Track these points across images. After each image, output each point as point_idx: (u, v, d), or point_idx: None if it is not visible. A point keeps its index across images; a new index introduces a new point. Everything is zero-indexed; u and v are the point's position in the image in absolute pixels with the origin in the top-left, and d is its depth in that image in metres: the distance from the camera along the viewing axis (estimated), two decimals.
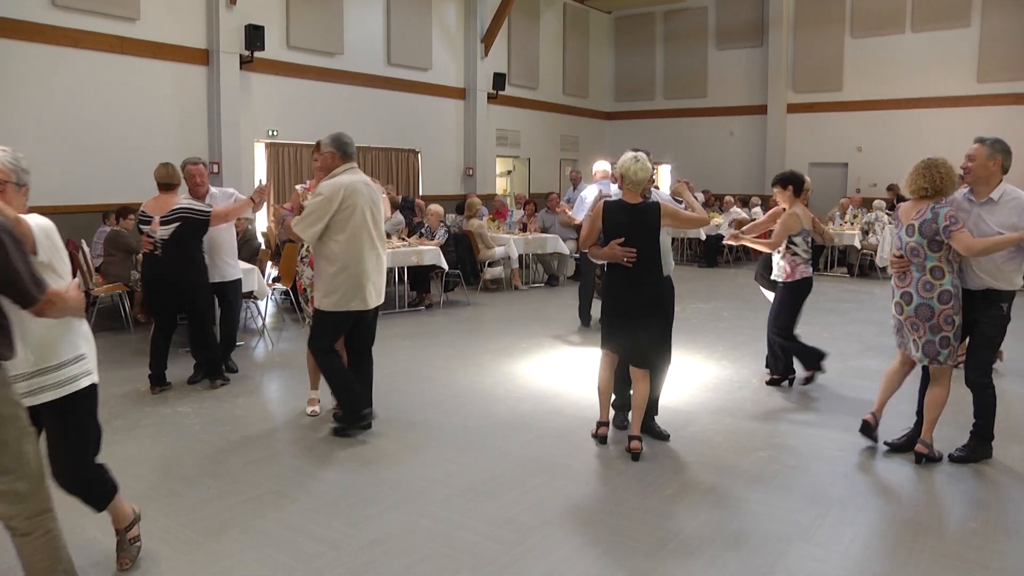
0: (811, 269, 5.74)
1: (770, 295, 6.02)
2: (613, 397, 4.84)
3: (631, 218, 4.35)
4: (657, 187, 5.27)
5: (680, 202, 4.83)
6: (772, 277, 5.90)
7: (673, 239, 5.73)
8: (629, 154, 4.42)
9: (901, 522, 3.66)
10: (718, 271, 13.72)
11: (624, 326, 4.44)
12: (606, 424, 4.72)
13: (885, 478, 4.20)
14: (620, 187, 4.50)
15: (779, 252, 5.73)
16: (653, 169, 4.62)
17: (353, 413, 4.77)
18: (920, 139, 16.15)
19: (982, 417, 4.37)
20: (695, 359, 6.77)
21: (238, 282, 6.50)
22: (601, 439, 4.69)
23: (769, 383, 5.98)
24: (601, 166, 7.73)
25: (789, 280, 5.69)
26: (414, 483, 4.08)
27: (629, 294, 4.40)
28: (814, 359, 5.85)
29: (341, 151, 4.68)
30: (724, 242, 6.19)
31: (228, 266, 6.28)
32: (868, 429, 4.59)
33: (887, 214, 12.36)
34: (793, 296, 5.74)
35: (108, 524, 3.58)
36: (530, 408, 5.45)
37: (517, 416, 5.26)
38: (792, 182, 5.64)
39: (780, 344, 5.85)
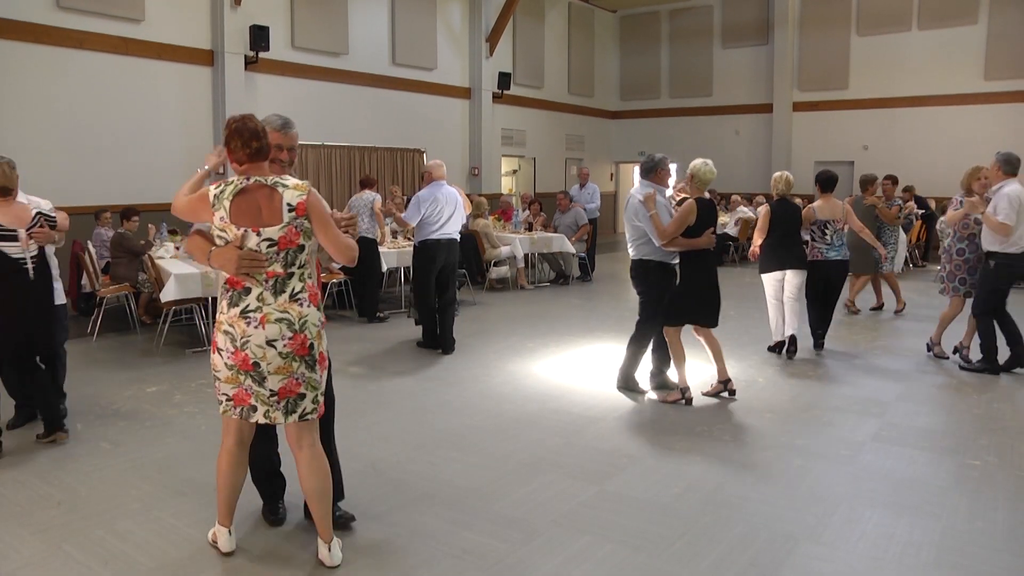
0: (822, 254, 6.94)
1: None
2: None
3: (709, 211, 5.40)
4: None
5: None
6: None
7: None
8: (699, 160, 5.50)
9: (909, 521, 3.64)
10: (724, 270, 13.65)
11: (716, 298, 5.51)
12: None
13: (893, 476, 4.18)
14: (689, 185, 5.51)
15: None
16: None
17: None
18: (927, 137, 16.11)
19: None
20: (700, 358, 6.75)
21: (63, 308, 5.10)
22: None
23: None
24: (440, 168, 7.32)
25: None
26: (420, 483, 4.08)
27: (714, 273, 5.53)
28: None
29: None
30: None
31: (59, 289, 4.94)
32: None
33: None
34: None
35: (110, 521, 3.59)
36: (537, 407, 5.44)
37: (524, 415, 5.26)
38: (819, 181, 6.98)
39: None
